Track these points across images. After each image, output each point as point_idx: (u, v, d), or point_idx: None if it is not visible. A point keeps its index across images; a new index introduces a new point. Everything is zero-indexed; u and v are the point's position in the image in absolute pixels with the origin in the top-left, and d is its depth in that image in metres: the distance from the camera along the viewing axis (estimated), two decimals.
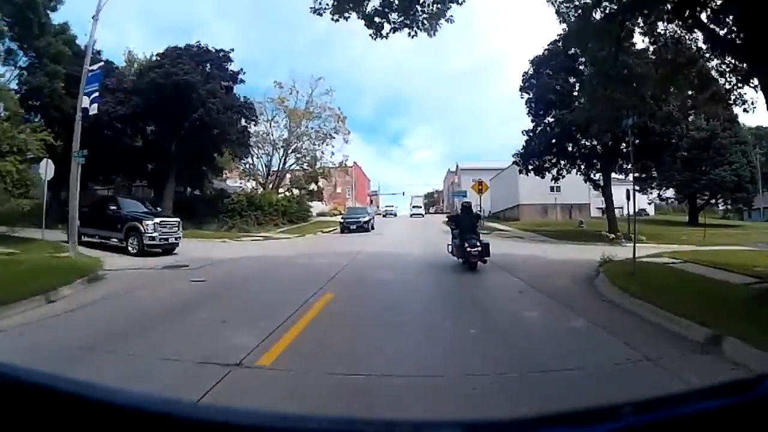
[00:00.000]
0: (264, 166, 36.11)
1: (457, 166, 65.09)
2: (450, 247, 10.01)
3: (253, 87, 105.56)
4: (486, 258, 9.09)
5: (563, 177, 22.77)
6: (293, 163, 36.59)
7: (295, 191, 35.74)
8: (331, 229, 25.45)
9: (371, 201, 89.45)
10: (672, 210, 54.06)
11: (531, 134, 22.29)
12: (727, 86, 8.78)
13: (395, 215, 46.78)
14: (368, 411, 2.80)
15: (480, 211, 28.37)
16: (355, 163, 76.08)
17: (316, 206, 45.40)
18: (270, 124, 35.00)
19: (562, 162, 21.86)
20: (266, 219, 24.24)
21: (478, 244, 8.90)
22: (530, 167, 22.33)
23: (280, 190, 34.37)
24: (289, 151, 35.29)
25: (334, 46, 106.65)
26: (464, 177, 54.03)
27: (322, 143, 36.20)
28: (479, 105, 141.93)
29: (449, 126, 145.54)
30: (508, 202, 39.07)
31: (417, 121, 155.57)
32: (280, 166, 35.86)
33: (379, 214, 45.94)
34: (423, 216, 46.00)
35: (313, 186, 37.46)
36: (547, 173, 22.43)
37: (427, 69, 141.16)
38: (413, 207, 54.04)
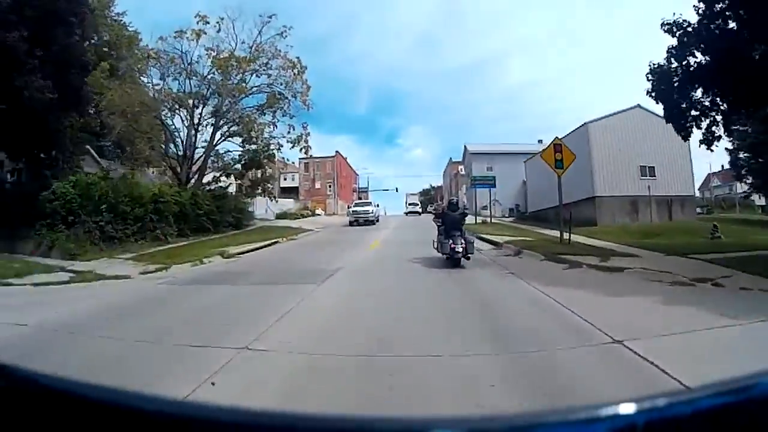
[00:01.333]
0: (176, 143, 23.77)
1: (465, 148, 49.72)
2: (435, 243, 10.29)
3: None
4: (469, 255, 9.20)
5: (717, 140, 10.87)
6: (222, 139, 24.09)
7: (224, 180, 24.58)
8: (253, 248, 13.46)
9: (359, 198, 76.41)
10: (723, 205, 42.41)
11: (689, 31, 9.76)
12: None
13: (375, 221, 27.32)
14: None
15: (570, 207, 15.80)
16: (338, 152, 64.58)
17: (272, 204, 34.53)
18: (188, 77, 22.88)
19: (722, 105, 10.22)
20: (132, 229, 13.66)
21: (462, 241, 9.17)
22: (675, 110, 10.45)
23: (207, 179, 23.62)
24: (215, 117, 23.35)
25: (328, 45, 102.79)
26: (476, 162, 42.63)
27: (273, 111, 23.92)
28: (474, 104, 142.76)
29: (443, 125, 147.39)
30: (572, 194, 21.77)
31: (411, 121, 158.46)
32: (193, 140, 23.36)
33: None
34: (420, 214, 40.28)
35: (256, 174, 25.83)
36: (695, 128, 10.59)
37: (422, 68, 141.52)
38: (408, 204, 49.84)
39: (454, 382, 3.24)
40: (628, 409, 0.51)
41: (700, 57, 9.75)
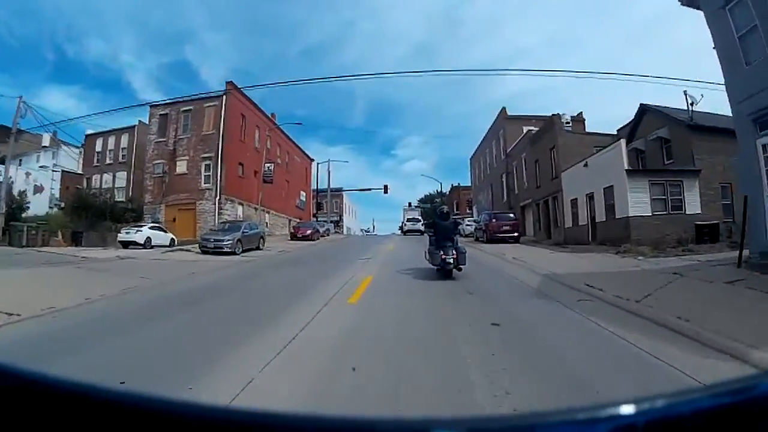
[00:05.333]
0: None
1: None
2: (427, 254, 9.93)
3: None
4: (461, 266, 8.91)
5: None
6: None
7: None
8: None
9: (319, 207, 46.96)
10: None
11: None
12: None
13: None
14: None
15: None
16: (231, 85, 28.30)
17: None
18: None
19: None
20: None
21: (454, 252, 8.85)
22: None
23: None
24: None
25: (325, 56, 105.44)
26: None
27: None
28: (468, 114, 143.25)
29: (439, 136, 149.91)
30: None
31: (408, 132, 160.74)
32: None
33: None
34: (422, 233, 27.29)
35: None
36: None
37: (418, 78, 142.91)
38: (407, 221, 38.44)
39: None
40: (628, 409, 0.51)
41: None
